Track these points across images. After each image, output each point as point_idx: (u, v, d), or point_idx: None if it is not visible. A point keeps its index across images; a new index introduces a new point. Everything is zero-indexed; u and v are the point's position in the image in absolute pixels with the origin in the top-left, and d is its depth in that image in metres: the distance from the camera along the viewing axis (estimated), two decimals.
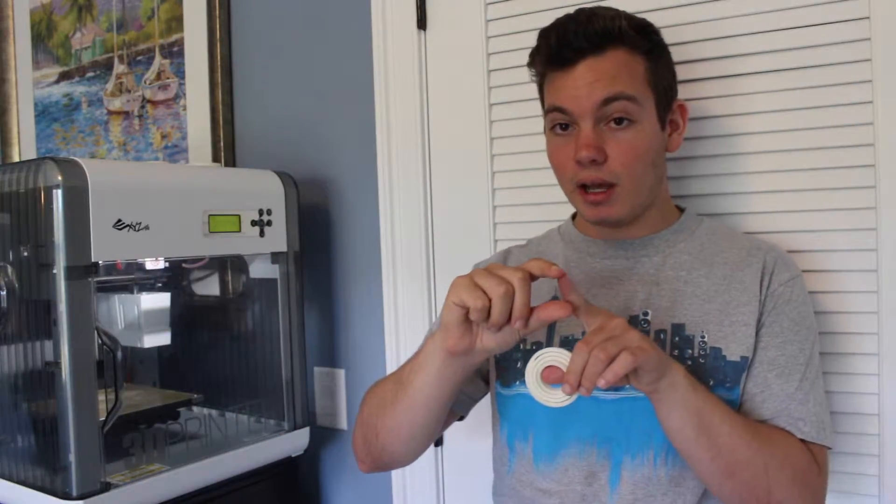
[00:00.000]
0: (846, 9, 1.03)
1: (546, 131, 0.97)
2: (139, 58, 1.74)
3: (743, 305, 0.92)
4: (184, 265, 1.41)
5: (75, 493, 1.05)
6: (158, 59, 1.71)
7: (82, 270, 1.05)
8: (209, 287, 1.47)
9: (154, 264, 1.31)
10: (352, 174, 1.47)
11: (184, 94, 1.66)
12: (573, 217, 1.08)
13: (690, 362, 0.91)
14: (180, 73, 1.67)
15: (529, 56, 0.97)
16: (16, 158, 1.98)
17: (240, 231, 1.27)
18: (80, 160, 1.07)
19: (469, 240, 1.32)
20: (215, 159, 1.61)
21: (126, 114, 1.78)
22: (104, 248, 1.07)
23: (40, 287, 1.07)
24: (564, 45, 0.90)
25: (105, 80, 1.82)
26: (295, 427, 1.38)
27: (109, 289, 1.33)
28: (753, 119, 1.10)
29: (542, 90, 0.98)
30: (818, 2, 1.05)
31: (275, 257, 1.36)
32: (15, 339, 1.14)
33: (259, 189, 1.33)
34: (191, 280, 1.48)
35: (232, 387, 1.43)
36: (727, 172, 1.12)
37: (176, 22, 1.67)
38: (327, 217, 1.51)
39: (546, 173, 1.01)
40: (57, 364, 1.05)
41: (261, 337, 1.41)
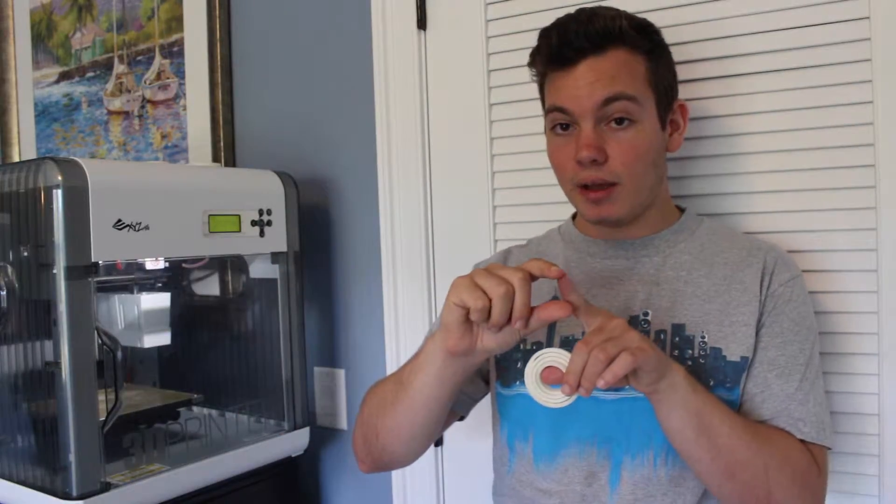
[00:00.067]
0: (846, 9, 1.03)
1: (546, 131, 0.97)
2: (139, 58, 1.74)
3: (743, 306, 0.92)
4: (184, 265, 1.41)
5: (75, 493, 1.05)
6: (158, 59, 1.71)
7: (82, 270, 1.05)
8: (209, 287, 1.47)
9: (154, 264, 1.31)
10: (352, 174, 1.47)
11: (184, 94, 1.66)
12: (573, 217, 1.08)
13: (690, 362, 0.91)
14: (180, 73, 1.67)
15: (530, 56, 0.97)
16: (16, 158, 1.98)
17: (240, 231, 1.27)
18: (80, 160, 1.07)
19: (469, 240, 1.32)
20: (215, 159, 1.61)
21: (126, 114, 1.78)
22: (104, 248, 1.07)
23: (40, 287, 1.07)
24: (565, 45, 0.90)
25: (105, 80, 1.82)
26: (295, 427, 1.38)
27: (109, 289, 1.33)
28: (754, 119, 1.10)
29: (543, 90, 0.98)
30: (818, 2, 1.05)
31: (275, 257, 1.36)
32: (15, 339, 1.14)
33: (259, 189, 1.33)
34: (191, 280, 1.48)
35: (232, 387, 1.43)
36: (727, 172, 1.12)
37: (176, 22, 1.67)
38: (327, 217, 1.51)
39: (546, 173, 1.01)
40: (57, 364, 1.05)
41: (261, 337, 1.41)
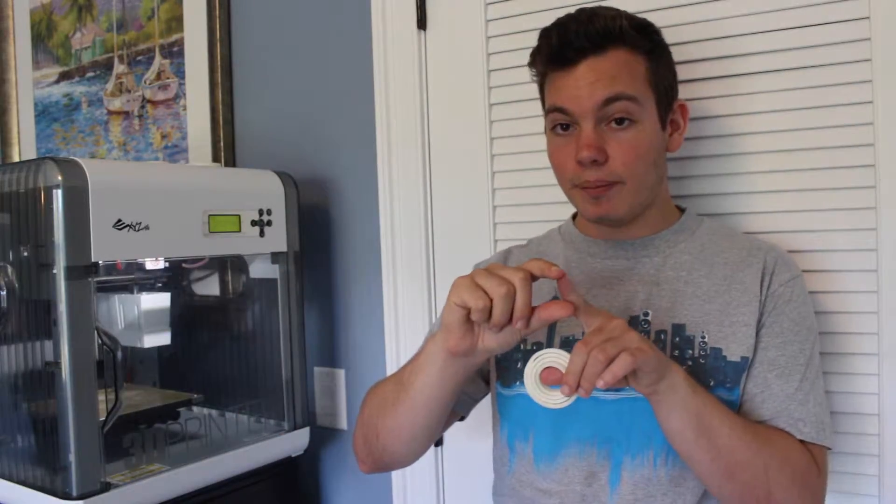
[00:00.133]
0: (846, 9, 1.03)
1: (546, 131, 0.97)
2: (139, 58, 1.74)
3: (743, 306, 0.92)
4: (184, 265, 1.41)
5: (75, 493, 1.05)
6: (158, 59, 1.71)
7: (82, 270, 1.05)
8: (209, 287, 1.47)
9: (154, 264, 1.31)
10: (352, 174, 1.47)
11: (184, 94, 1.66)
12: (574, 217, 1.08)
13: (691, 363, 0.91)
14: (180, 73, 1.67)
15: (530, 56, 0.97)
16: (16, 158, 1.98)
17: (240, 231, 1.27)
18: (80, 160, 1.07)
19: (469, 240, 1.32)
20: (215, 159, 1.61)
21: (126, 114, 1.78)
22: (104, 248, 1.07)
23: (40, 287, 1.07)
24: (565, 45, 0.90)
25: (105, 80, 1.81)
26: (295, 427, 1.38)
27: (109, 289, 1.33)
28: (754, 119, 1.10)
29: (543, 90, 0.98)
30: (818, 2, 1.05)
31: (275, 257, 1.36)
32: (15, 339, 1.14)
33: (259, 189, 1.32)
34: (191, 280, 1.48)
35: (232, 387, 1.43)
36: (728, 172, 1.12)
37: (176, 22, 1.67)
38: (327, 217, 1.51)
39: (546, 173, 1.01)
40: (57, 364, 1.05)
41: (261, 337, 1.41)
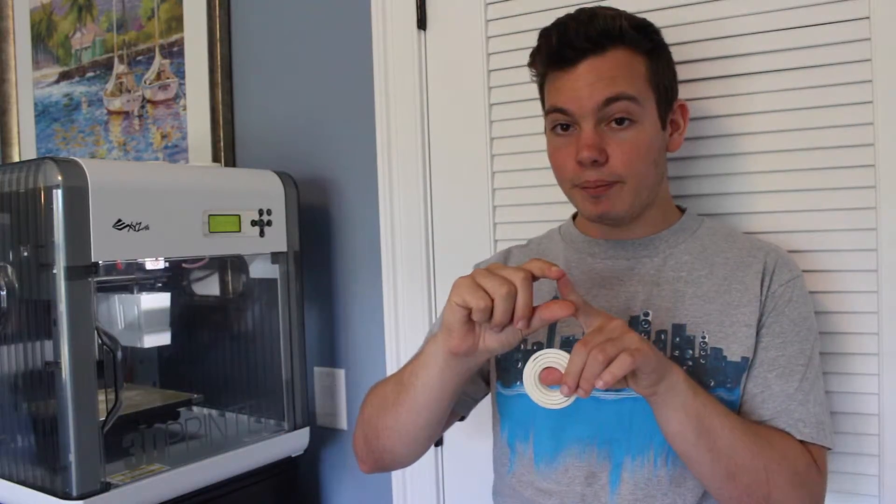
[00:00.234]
0: (846, 9, 1.04)
1: (546, 131, 0.97)
2: (139, 58, 1.74)
3: (744, 306, 0.92)
4: (184, 265, 1.41)
5: (75, 493, 1.05)
6: (158, 59, 1.71)
7: (82, 270, 1.05)
8: (209, 287, 1.47)
9: (154, 264, 1.31)
10: (352, 174, 1.47)
11: (184, 94, 1.66)
12: (574, 217, 1.08)
13: (691, 363, 0.91)
14: (180, 73, 1.67)
15: (530, 56, 0.97)
16: (16, 158, 1.98)
17: (240, 231, 1.27)
18: (80, 160, 1.07)
19: (469, 240, 1.32)
20: (215, 159, 1.61)
21: (126, 114, 1.78)
22: (104, 248, 1.07)
23: (40, 287, 1.07)
24: (565, 45, 0.90)
25: (105, 80, 1.81)
26: (295, 427, 1.38)
27: (109, 289, 1.33)
28: (754, 119, 1.10)
29: (543, 90, 0.98)
30: (818, 2, 1.05)
31: (275, 257, 1.36)
32: (15, 339, 1.14)
33: (259, 189, 1.32)
34: (191, 280, 1.48)
35: (232, 387, 1.43)
36: (728, 172, 1.12)
37: (176, 22, 1.67)
38: (327, 217, 1.51)
39: (546, 173, 1.00)
40: (57, 364, 1.05)
41: (261, 337, 1.41)
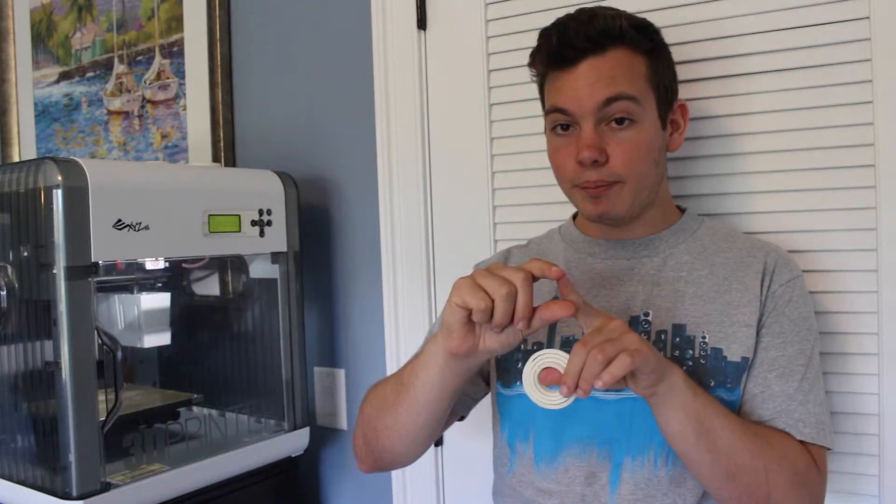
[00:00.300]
0: (846, 9, 1.03)
1: (546, 132, 0.97)
2: (139, 58, 1.74)
3: (744, 306, 0.92)
4: (184, 265, 1.41)
5: (75, 493, 1.05)
6: (158, 59, 1.71)
7: (82, 270, 1.05)
8: (209, 287, 1.47)
9: (154, 264, 1.31)
10: (352, 174, 1.47)
11: (184, 94, 1.66)
12: (574, 217, 1.08)
13: (691, 363, 0.91)
14: (180, 73, 1.67)
15: (530, 56, 0.97)
16: (16, 158, 1.98)
17: (240, 231, 1.27)
18: (80, 160, 1.07)
19: (469, 240, 1.32)
20: (215, 159, 1.61)
21: (126, 114, 1.78)
22: (104, 248, 1.07)
23: (40, 287, 1.07)
24: (565, 45, 0.90)
25: (105, 80, 1.81)
26: (295, 427, 1.38)
27: (109, 289, 1.33)
28: (754, 119, 1.10)
29: (543, 90, 0.98)
30: (818, 2, 1.05)
31: (275, 257, 1.36)
32: (15, 339, 1.14)
33: (259, 189, 1.32)
34: (191, 280, 1.48)
35: (232, 387, 1.43)
36: (728, 172, 1.12)
37: (176, 22, 1.67)
38: (327, 217, 1.51)
39: (546, 173, 1.00)
40: (57, 364, 1.05)
41: (261, 337, 1.41)
